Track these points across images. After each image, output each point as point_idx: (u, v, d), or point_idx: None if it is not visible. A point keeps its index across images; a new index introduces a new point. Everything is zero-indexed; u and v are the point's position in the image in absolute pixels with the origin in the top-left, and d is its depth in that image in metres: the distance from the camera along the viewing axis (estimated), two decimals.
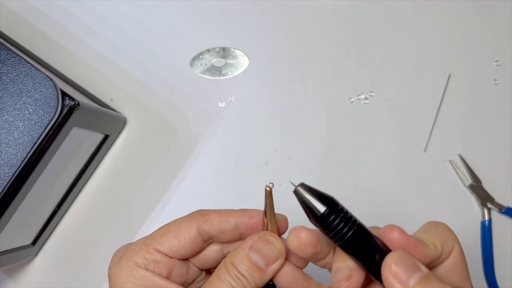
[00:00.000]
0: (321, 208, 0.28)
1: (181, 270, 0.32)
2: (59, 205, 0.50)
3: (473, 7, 0.55)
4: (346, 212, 0.29)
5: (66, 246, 0.52)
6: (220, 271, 0.31)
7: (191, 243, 0.31)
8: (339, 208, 0.29)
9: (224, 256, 0.33)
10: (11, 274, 0.52)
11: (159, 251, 0.31)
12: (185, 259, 0.33)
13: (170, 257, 0.31)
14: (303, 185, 0.29)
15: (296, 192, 0.29)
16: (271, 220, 0.30)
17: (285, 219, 0.32)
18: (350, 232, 0.28)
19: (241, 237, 0.32)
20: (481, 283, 0.51)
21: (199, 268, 0.34)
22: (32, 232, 0.49)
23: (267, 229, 0.31)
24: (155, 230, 0.32)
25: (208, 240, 0.32)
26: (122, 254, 0.32)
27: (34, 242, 0.50)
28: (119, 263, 0.31)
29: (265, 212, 0.31)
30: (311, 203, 0.29)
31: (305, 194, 0.29)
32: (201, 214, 0.32)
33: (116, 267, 0.31)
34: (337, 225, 0.28)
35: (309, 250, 0.30)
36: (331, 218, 0.28)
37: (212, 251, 0.33)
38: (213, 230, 0.31)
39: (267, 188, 0.30)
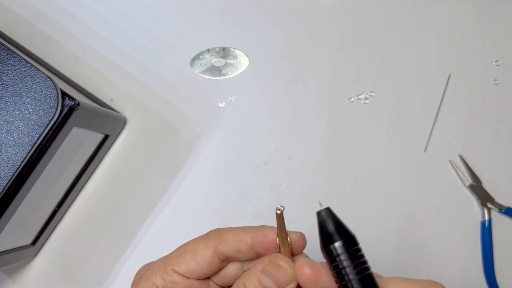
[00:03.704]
0: (337, 239, 0.27)
1: None
2: (59, 205, 0.50)
3: (473, 7, 0.55)
4: (361, 255, 0.27)
5: (66, 246, 0.52)
6: None
7: (207, 264, 0.31)
8: (356, 248, 0.27)
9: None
10: (11, 274, 0.52)
11: (176, 272, 0.31)
12: (205, 279, 0.32)
13: (188, 278, 0.31)
14: (328, 209, 0.28)
15: (318, 214, 0.28)
16: (283, 243, 0.30)
17: (301, 237, 0.31)
18: (357, 278, 0.27)
19: (258, 256, 0.32)
20: (481, 283, 0.51)
21: (221, 286, 0.33)
22: (32, 232, 0.49)
23: (279, 251, 0.30)
24: (174, 250, 0.32)
25: (225, 260, 0.32)
26: (142, 274, 0.32)
27: (34, 242, 0.50)
28: (139, 283, 0.32)
29: (277, 235, 0.30)
30: (328, 231, 0.27)
31: (328, 219, 0.28)
32: (217, 234, 0.32)
33: (136, 287, 0.32)
34: (345, 265, 0.27)
35: (312, 286, 0.29)
36: (342, 255, 0.27)
37: (232, 268, 0.33)
38: (229, 251, 0.31)
39: (278, 212, 0.29)
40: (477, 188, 0.52)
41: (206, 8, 0.55)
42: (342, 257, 0.27)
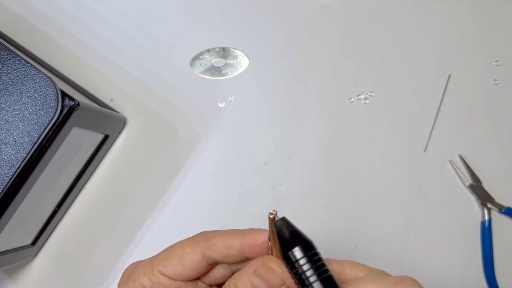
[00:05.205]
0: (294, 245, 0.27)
1: None
2: (59, 205, 0.50)
3: (473, 7, 0.55)
4: (319, 259, 0.27)
5: (66, 246, 0.52)
6: None
7: (195, 268, 0.31)
8: (313, 252, 0.27)
9: (233, 273, 0.32)
10: (11, 274, 0.52)
11: (163, 274, 0.31)
12: (192, 280, 0.32)
13: (175, 280, 0.31)
14: (283, 219, 0.28)
15: (275, 225, 0.28)
16: (275, 246, 0.30)
17: None
18: (318, 280, 0.27)
19: (247, 259, 0.32)
20: (481, 283, 0.51)
21: (209, 285, 0.33)
22: (32, 232, 0.49)
23: (271, 253, 0.30)
24: (162, 251, 0.32)
25: (213, 264, 0.32)
26: (130, 274, 0.32)
27: (34, 242, 0.50)
28: (126, 282, 0.32)
29: (269, 237, 0.30)
30: (285, 238, 0.28)
31: (283, 228, 0.28)
32: (205, 238, 0.32)
33: (123, 286, 0.32)
34: (305, 269, 0.27)
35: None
36: (300, 260, 0.27)
37: (220, 268, 0.33)
38: (218, 256, 0.31)
39: (270, 216, 0.29)
40: (477, 188, 0.52)
41: (206, 8, 0.55)
42: (301, 261, 0.27)
